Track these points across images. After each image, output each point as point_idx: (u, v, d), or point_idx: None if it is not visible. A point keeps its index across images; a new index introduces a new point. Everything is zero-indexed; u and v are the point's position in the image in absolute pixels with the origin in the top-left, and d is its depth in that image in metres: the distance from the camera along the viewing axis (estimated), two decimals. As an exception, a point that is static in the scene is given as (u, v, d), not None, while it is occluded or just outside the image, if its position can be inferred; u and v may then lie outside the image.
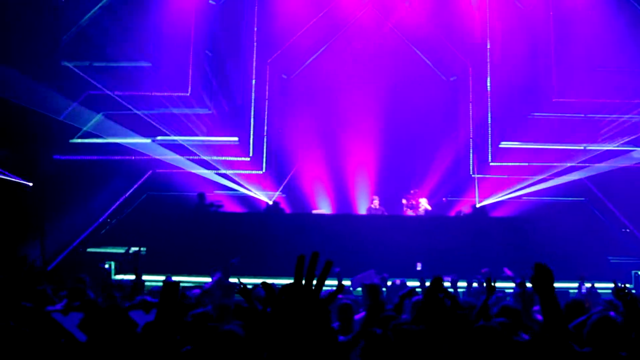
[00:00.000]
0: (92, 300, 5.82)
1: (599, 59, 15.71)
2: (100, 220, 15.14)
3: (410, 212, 15.08)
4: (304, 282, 1.93)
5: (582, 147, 16.06)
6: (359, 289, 8.17)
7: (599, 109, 15.96)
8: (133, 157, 15.86)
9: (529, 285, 7.25)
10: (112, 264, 12.84)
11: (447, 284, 9.00)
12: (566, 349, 3.41)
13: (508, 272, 8.81)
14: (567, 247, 12.69)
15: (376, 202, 15.12)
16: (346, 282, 8.74)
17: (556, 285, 3.11)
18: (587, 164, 15.91)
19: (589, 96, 15.86)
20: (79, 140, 15.64)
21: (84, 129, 15.57)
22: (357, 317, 5.69)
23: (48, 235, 13.87)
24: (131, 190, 15.69)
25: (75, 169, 15.12)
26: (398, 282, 9.47)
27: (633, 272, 12.88)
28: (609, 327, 3.73)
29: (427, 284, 8.07)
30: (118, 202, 15.45)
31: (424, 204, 15.14)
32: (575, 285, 9.97)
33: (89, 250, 14.06)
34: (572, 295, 9.69)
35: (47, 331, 4.29)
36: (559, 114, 16.11)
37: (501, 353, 3.72)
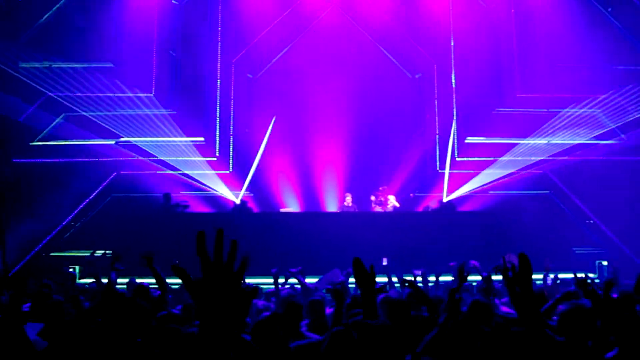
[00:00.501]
0: (59, 301, 5.68)
1: (559, 55, 15.98)
2: (63, 223, 14.86)
3: (378, 209, 15.12)
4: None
5: (545, 141, 16.30)
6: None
7: (561, 103, 16.22)
8: (97, 159, 15.61)
9: (494, 277, 7.31)
10: (77, 267, 12.59)
11: (418, 278, 9.04)
12: (546, 338, 3.42)
13: (474, 263, 8.87)
14: (533, 239, 12.85)
15: (349, 200, 15.11)
16: (309, 280, 8.74)
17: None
18: (550, 158, 16.17)
19: (551, 91, 16.12)
20: (40, 143, 15.33)
21: (45, 131, 15.28)
22: (328, 311, 5.66)
23: (9, 240, 13.54)
24: (95, 192, 15.44)
25: (36, 172, 14.80)
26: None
27: (597, 262, 13.10)
28: (580, 315, 3.75)
29: (394, 279, 8.12)
30: (82, 205, 15.19)
31: (392, 200, 15.19)
32: (541, 276, 10.08)
33: (52, 254, 13.78)
34: (538, 285, 9.80)
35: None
36: (523, 109, 16.32)
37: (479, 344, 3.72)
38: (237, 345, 2.94)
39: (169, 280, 9.26)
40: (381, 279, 9.11)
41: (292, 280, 8.67)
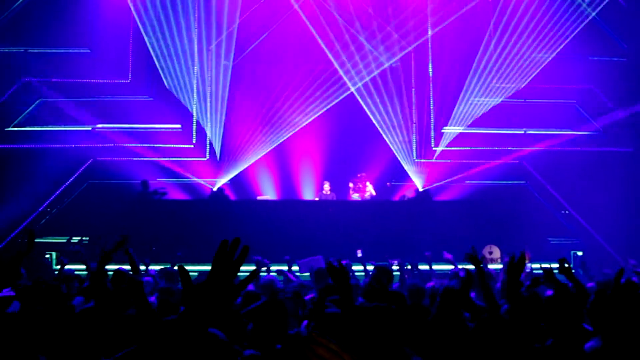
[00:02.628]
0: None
1: (536, 45, 16.10)
2: (39, 210, 14.71)
3: (355, 196, 15.15)
4: (223, 268, 1.88)
5: (522, 132, 16.46)
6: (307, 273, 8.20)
7: (537, 93, 16.36)
8: (73, 145, 15.45)
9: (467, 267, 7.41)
10: (54, 254, 12.50)
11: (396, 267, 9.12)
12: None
13: (447, 255, 9.01)
14: (509, 228, 13.01)
15: (327, 187, 15.11)
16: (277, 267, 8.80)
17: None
18: (527, 148, 16.31)
19: (528, 81, 16.25)
20: (16, 129, 15.15)
21: (21, 116, 15.09)
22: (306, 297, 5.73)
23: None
24: (72, 179, 15.30)
25: (11, 158, 14.62)
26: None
27: (572, 252, 13.29)
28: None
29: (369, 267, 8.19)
30: (58, 192, 15.04)
31: (369, 188, 15.24)
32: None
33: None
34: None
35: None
36: (500, 99, 16.43)
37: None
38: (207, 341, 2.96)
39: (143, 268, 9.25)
40: (356, 268, 9.19)
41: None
